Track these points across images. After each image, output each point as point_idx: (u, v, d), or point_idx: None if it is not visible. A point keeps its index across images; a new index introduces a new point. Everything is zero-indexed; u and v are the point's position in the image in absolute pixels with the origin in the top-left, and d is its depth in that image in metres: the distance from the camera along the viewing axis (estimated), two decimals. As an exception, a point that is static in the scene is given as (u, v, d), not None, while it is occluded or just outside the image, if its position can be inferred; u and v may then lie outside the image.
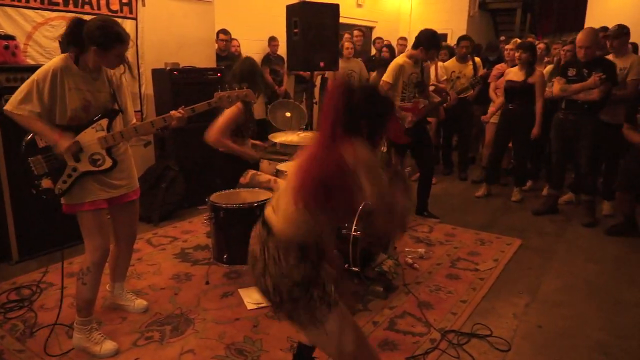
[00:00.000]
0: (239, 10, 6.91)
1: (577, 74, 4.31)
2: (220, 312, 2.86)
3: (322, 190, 1.60)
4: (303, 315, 1.66)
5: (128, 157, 2.64)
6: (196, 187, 4.52)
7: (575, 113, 4.37)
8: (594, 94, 4.20)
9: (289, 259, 1.64)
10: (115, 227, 2.71)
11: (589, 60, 4.25)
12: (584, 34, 4.26)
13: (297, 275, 1.63)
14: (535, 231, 4.31)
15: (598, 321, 2.85)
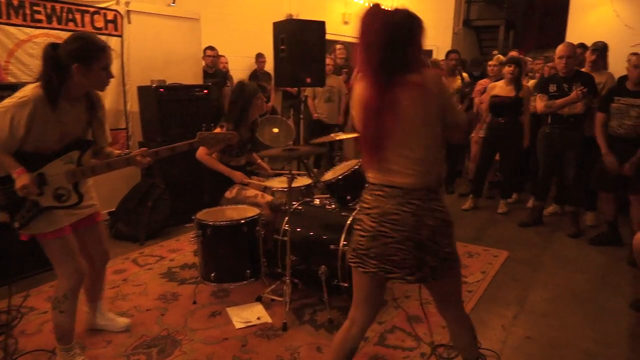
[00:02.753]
0: (225, 27, 6.96)
1: (557, 89, 4.39)
2: (208, 332, 2.83)
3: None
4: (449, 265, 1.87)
5: (88, 180, 2.49)
6: (183, 204, 4.48)
7: (562, 126, 4.45)
8: (577, 108, 4.30)
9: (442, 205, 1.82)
10: (85, 248, 2.54)
11: (568, 74, 4.35)
12: (564, 45, 4.38)
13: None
14: (522, 243, 4.35)
15: (585, 330, 2.87)
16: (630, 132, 3.99)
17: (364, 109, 1.82)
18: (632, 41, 6.51)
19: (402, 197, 1.78)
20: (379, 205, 1.81)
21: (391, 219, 1.78)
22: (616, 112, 4.06)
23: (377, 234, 1.81)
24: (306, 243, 3.21)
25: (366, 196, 1.89)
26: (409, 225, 1.77)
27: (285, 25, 4.83)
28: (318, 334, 2.80)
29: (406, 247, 1.78)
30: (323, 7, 8.79)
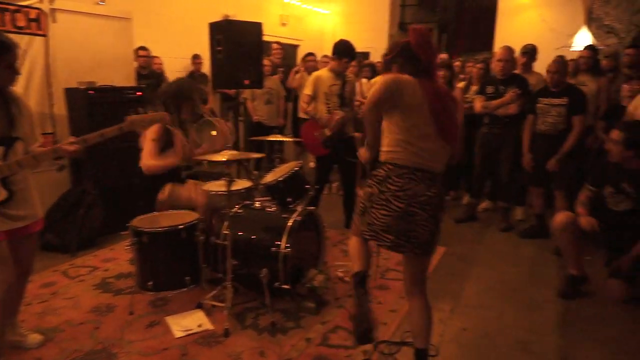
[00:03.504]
0: (159, 27, 6.75)
1: (494, 90, 4.62)
2: (146, 343, 2.73)
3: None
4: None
5: (28, 186, 2.42)
6: (118, 211, 4.29)
7: (498, 127, 4.68)
8: (511, 109, 4.53)
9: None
10: (16, 259, 2.40)
11: (505, 77, 4.58)
12: (504, 49, 4.64)
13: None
14: (458, 238, 4.51)
15: (517, 320, 3.02)
16: (551, 129, 4.28)
17: (432, 107, 2.09)
18: (557, 44, 6.93)
19: (430, 180, 2.11)
20: (411, 187, 2.08)
21: (420, 200, 2.07)
22: (540, 112, 4.35)
23: (404, 213, 2.07)
24: (247, 246, 3.17)
25: (395, 178, 2.10)
26: (435, 205, 2.10)
27: (221, 26, 4.76)
28: (261, 338, 2.77)
29: (429, 225, 2.10)
30: (260, 8, 8.74)
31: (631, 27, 6.58)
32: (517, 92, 4.42)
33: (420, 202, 2.07)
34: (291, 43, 9.69)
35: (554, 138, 4.26)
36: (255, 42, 4.90)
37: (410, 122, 2.10)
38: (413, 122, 2.10)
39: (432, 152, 2.12)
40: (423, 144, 2.10)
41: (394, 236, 2.10)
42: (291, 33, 9.69)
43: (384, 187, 2.10)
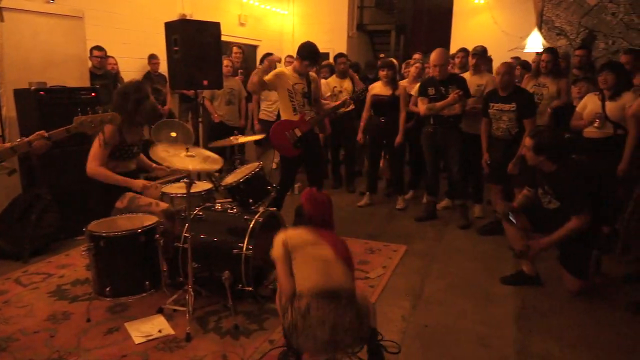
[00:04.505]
0: (113, 26, 6.57)
1: (435, 91, 4.73)
2: (104, 350, 2.65)
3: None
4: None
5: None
6: (73, 216, 4.17)
7: (442, 126, 4.80)
8: (455, 109, 4.67)
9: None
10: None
11: (443, 78, 4.70)
12: (436, 54, 4.72)
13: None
14: (418, 236, 4.59)
15: (476, 315, 3.10)
16: (505, 134, 4.44)
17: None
18: (509, 46, 7.15)
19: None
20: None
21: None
22: (492, 117, 4.50)
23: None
24: (208, 249, 3.13)
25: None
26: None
27: (178, 25, 4.69)
28: (223, 341, 2.74)
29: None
30: (218, 7, 8.64)
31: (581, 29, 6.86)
32: (459, 93, 4.55)
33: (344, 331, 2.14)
34: (250, 43, 9.63)
35: (509, 141, 4.41)
36: (214, 42, 4.85)
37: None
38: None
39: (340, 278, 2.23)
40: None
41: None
42: (250, 33, 9.63)
43: (306, 317, 2.14)
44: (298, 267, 2.26)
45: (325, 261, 2.24)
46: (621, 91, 4.01)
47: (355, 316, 2.16)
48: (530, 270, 3.54)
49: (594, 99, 4.17)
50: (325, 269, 2.22)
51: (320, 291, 2.16)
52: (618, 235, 4.28)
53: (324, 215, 2.40)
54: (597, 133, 4.10)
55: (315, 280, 2.19)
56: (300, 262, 2.26)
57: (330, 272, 2.22)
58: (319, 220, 2.37)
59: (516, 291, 3.44)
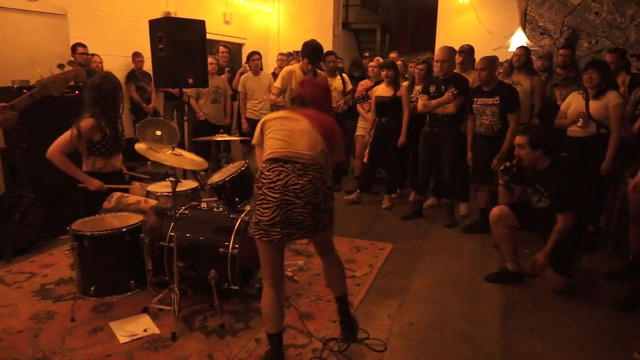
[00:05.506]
0: (97, 24, 6.51)
1: (436, 90, 4.76)
2: (89, 350, 2.63)
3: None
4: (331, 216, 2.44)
5: None
6: (56, 215, 4.12)
7: (438, 125, 4.82)
8: (449, 108, 4.68)
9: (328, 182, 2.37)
10: None
11: (446, 76, 4.72)
12: (441, 50, 4.76)
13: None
14: (404, 235, 4.62)
15: (461, 313, 3.13)
16: (488, 130, 4.46)
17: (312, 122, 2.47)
18: (493, 45, 7.22)
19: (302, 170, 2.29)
20: (281, 178, 2.24)
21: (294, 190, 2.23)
22: (476, 112, 4.52)
23: (281, 203, 2.22)
24: (194, 248, 3.12)
25: (266, 172, 2.32)
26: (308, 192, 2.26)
27: (162, 23, 4.65)
28: (209, 340, 2.73)
29: (307, 211, 2.25)
30: (202, 5, 8.59)
31: (564, 28, 6.95)
32: (454, 92, 4.58)
33: (294, 191, 2.23)
34: (236, 42, 9.59)
35: (493, 138, 4.43)
36: (199, 41, 4.82)
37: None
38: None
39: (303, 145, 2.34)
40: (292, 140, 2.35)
41: (280, 227, 2.23)
42: (235, 31, 9.60)
43: (259, 182, 2.28)
44: (267, 143, 2.39)
45: (290, 131, 2.36)
46: (605, 90, 4.06)
47: (311, 183, 2.25)
48: (515, 268, 3.58)
49: (578, 98, 4.22)
50: (287, 139, 2.33)
51: (273, 157, 2.30)
52: (601, 234, 4.36)
53: (314, 95, 2.50)
54: (580, 132, 4.16)
55: (273, 148, 2.33)
56: (268, 138, 2.39)
57: (292, 141, 2.33)
58: (307, 99, 2.50)
59: (501, 289, 3.47)
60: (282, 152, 2.30)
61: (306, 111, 2.44)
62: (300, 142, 2.32)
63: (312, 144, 2.33)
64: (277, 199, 2.20)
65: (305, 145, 2.32)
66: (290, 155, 2.29)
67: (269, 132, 2.40)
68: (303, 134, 2.34)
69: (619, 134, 3.97)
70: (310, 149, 2.32)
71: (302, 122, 2.38)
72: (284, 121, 2.41)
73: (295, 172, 2.24)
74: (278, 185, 2.21)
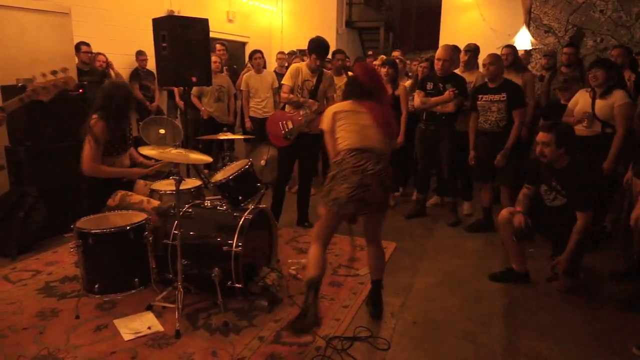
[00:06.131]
0: (100, 22, 6.53)
1: (434, 87, 4.74)
2: (93, 347, 2.64)
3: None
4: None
5: None
6: (60, 213, 4.13)
7: (435, 123, 4.81)
8: (449, 107, 4.67)
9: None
10: None
11: (444, 75, 4.70)
12: (443, 49, 4.75)
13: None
14: (408, 233, 4.62)
15: (464, 312, 3.12)
16: (493, 126, 4.43)
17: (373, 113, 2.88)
18: (497, 43, 7.17)
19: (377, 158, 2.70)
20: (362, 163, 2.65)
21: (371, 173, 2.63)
22: (481, 109, 4.49)
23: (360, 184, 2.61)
24: (198, 246, 3.12)
25: (348, 158, 2.72)
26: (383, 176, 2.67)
27: (166, 22, 4.65)
28: (213, 338, 2.74)
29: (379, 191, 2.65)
30: (205, 4, 8.59)
31: (569, 26, 6.92)
32: (455, 92, 4.57)
33: (371, 176, 2.60)
34: (239, 40, 9.59)
35: (497, 135, 4.40)
36: (202, 39, 4.81)
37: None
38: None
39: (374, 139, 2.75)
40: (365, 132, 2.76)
41: (354, 204, 2.62)
42: (239, 30, 9.60)
43: (341, 166, 2.65)
44: (339, 133, 2.78)
45: (362, 126, 2.76)
46: (612, 89, 4.03)
47: (383, 169, 2.65)
48: (520, 268, 3.56)
49: (585, 96, 4.20)
50: (361, 132, 2.74)
51: (353, 147, 2.68)
52: (605, 233, 4.34)
53: (372, 83, 2.86)
54: (585, 131, 4.13)
55: (351, 140, 2.72)
56: (341, 129, 2.78)
57: (365, 134, 2.73)
58: (370, 90, 2.84)
59: (505, 288, 3.46)
60: (359, 144, 2.69)
61: (369, 104, 2.82)
62: (371, 136, 2.73)
63: (378, 137, 2.75)
64: (357, 181, 2.58)
65: (375, 139, 2.73)
66: (366, 146, 2.68)
67: (341, 124, 2.79)
68: (371, 129, 2.75)
69: (623, 133, 3.95)
70: (378, 142, 2.74)
71: (366, 118, 2.77)
72: (353, 115, 2.80)
73: (371, 159, 2.63)
74: (359, 170, 2.59)
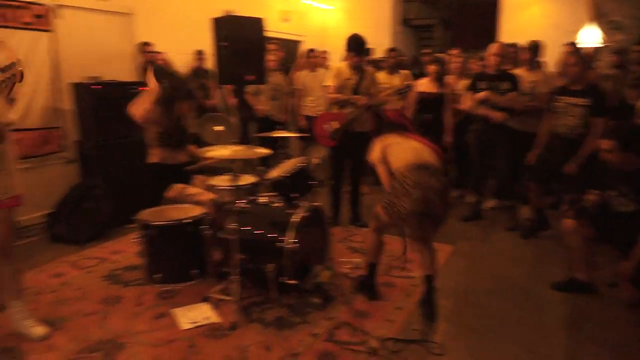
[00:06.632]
0: (161, 22, 6.74)
1: (488, 87, 4.57)
2: (153, 334, 2.75)
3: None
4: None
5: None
6: (125, 204, 4.31)
7: (489, 123, 4.62)
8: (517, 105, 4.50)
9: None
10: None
11: (496, 73, 4.54)
12: (492, 47, 4.58)
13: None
14: (463, 237, 4.50)
15: (523, 320, 3.00)
16: (569, 132, 4.07)
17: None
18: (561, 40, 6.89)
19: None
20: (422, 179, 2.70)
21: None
22: (559, 112, 4.14)
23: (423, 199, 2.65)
24: (253, 241, 3.18)
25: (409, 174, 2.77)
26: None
27: (224, 21, 4.75)
28: (267, 332, 2.78)
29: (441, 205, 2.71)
30: (261, 3, 8.70)
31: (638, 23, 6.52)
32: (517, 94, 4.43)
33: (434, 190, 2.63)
34: (293, 39, 9.67)
35: (571, 142, 4.05)
36: (257, 38, 4.89)
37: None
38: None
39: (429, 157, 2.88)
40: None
41: (417, 217, 2.66)
42: (294, 29, 9.67)
43: (404, 183, 2.67)
44: (393, 158, 2.88)
45: (414, 148, 2.91)
46: None
47: (441, 182, 2.68)
48: (586, 277, 3.36)
49: None
50: (416, 152, 2.86)
51: (412, 165, 2.73)
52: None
53: (404, 120, 3.19)
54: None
55: (407, 159, 2.79)
56: (394, 154, 2.90)
57: (420, 154, 2.84)
58: (404, 125, 3.15)
59: (567, 298, 3.29)
60: (417, 160, 2.76)
61: (410, 134, 3.08)
62: (425, 155, 2.84)
63: (432, 156, 2.86)
64: (420, 196, 2.59)
65: (430, 157, 2.84)
66: (424, 163, 2.76)
67: (393, 150, 2.93)
68: (424, 150, 2.89)
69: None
70: (433, 159, 2.84)
71: (415, 142, 2.96)
72: (403, 141, 2.99)
73: (433, 175, 2.68)
74: (421, 185, 2.61)
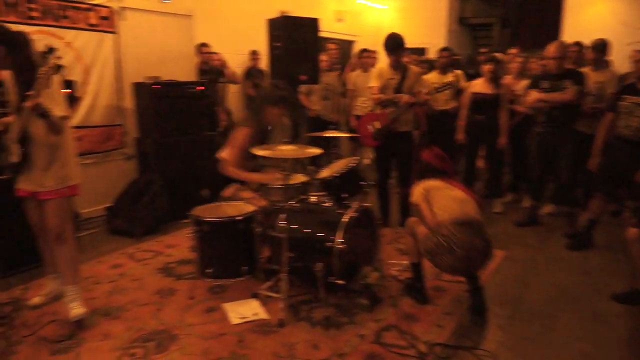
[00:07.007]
0: (218, 23, 6.91)
1: (550, 86, 4.38)
2: (205, 327, 2.82)
3: None
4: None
5: (40, 158, 2.63)
6: (181, 200, 4.46)
7: (553, 125, 4.44)
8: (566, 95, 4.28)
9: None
10: (40, 218, 2.81)
11: (559, 72, 4.34)
12: (554, 46, 4.36)
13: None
14: (518, 242, 4.35)
15: (582, 332, 2.87)
16: (635, 134, 3.84)
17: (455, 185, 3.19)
18: (628, 39, 6.53)
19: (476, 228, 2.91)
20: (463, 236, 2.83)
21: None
22: (623, 112, 3.91)
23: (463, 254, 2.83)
24: (302, 240, 3.19)
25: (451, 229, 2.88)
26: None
27: (279, 22, 4.82)
28: (314, 330, 2.80)
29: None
30: (315, 4, 8.75)
31: None
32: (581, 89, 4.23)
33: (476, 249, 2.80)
34: (348, 39, 9.66)
35: (635, 144, 3.82)
36: (312, 38, 4.93)
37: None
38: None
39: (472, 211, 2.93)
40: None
41: (458, 271, 2.96)
42: (348, 29, 9.66)
43: (448, 238, 2.77)
44: (437, 205, 2.90)
45: (459, 199, 2.92)
46: None
47: (483, 240, 2.80)
48: None
49: None
50: (460, 205, 2.88)
51: (458, 220, 2.78)
52: None
53: (444, 164, 3.12)
54: None
55: (453, 212, 2.82)
56: (439, 201, 2.91)
57: (464, 207, 2.88)
58: (446, 170, 3.10)
59: (629, 311, 3.12)
60: (462, 215, 2.82)
61: (451, 181, 3.09)
62: (469, 209, 2.89)
63: (475, 209, 2.92)
64: (464, 256, 2.75)
65: (474, 211, 2.90)
66: (469, 218, 2.82)
67: (438, 198, 2.94)
68: (468, 202, 2.93)
69: None
70: (476, 213, 2.89)
71: (458, 192, 2.99)
72: (446, 189, 2.99)
73: (476, 234, 2.78)
74: (466, 247, 2.74)
